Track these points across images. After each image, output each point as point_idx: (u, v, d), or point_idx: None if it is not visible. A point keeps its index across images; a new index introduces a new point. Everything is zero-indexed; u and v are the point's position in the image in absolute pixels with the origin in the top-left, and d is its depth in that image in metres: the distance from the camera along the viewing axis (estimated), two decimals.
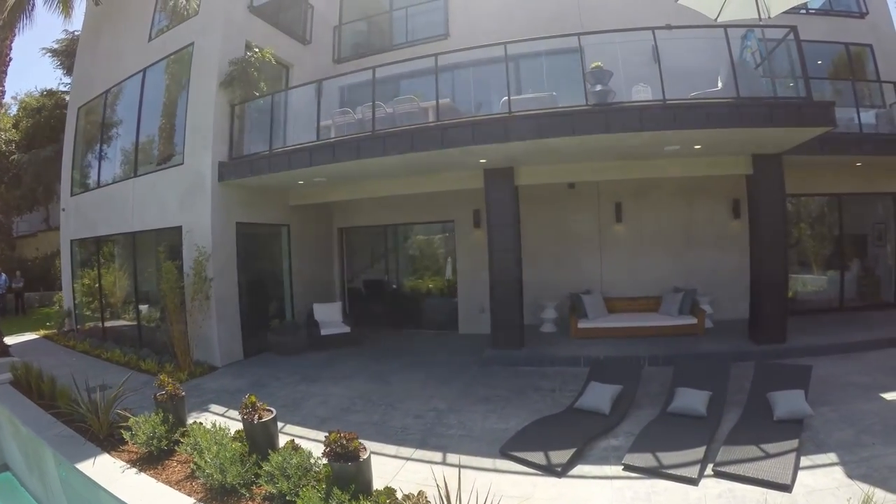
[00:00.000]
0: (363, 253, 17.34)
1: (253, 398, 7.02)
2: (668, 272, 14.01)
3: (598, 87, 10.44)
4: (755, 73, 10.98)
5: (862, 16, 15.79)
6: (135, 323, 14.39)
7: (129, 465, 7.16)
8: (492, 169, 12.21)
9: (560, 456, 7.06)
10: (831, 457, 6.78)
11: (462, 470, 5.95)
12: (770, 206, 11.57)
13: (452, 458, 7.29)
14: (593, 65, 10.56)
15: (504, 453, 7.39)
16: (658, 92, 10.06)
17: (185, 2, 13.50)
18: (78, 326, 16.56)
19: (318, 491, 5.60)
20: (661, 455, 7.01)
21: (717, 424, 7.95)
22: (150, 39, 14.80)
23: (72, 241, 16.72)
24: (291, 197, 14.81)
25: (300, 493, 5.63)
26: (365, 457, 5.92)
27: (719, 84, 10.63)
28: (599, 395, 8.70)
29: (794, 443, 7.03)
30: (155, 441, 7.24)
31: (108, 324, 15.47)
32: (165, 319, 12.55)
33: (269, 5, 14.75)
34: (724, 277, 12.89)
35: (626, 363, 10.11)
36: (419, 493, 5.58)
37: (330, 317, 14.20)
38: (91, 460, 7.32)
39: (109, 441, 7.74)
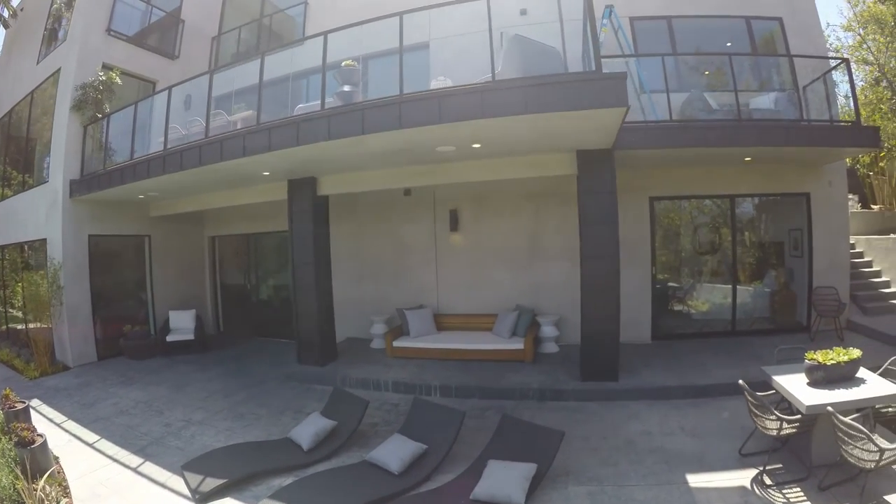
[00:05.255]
0: (233, 261, 14.98)
1: (7, 391, 7.30)
2: (510, 287, 10.92)
3: (346, 88, 7.94)
4: (552, 52, 7.46)
5: None
6: (22, 326, 13.41)
7: None
8: (295, 179, 9.90)
9: (210, 483, 5.74)
10: None
11: (143, 480, 6.06)
12: (598, 213, 8.28)
13: (147, 467, 6.40)
14: (344, 63, 8.12)
15: (182, 471, 6.14)
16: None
17: (57, 28, 12.59)
18: None
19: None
20: None
21: (408, 488, 5.65)
22: (37, 63, 13.50)
23: None
24: (151, 208, 13.00)
25: None
26: (36, 445, 5.98)
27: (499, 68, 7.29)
28: (306, 428, 6.76)
29: None
30: None
31: (10, 325, 14.44)
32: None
33: (131, 24, 13.12)
34: (576, 295, 9.03)
35: (353, 398, 7.36)
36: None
37: (183, 324, 12.45)
38: None
39: None
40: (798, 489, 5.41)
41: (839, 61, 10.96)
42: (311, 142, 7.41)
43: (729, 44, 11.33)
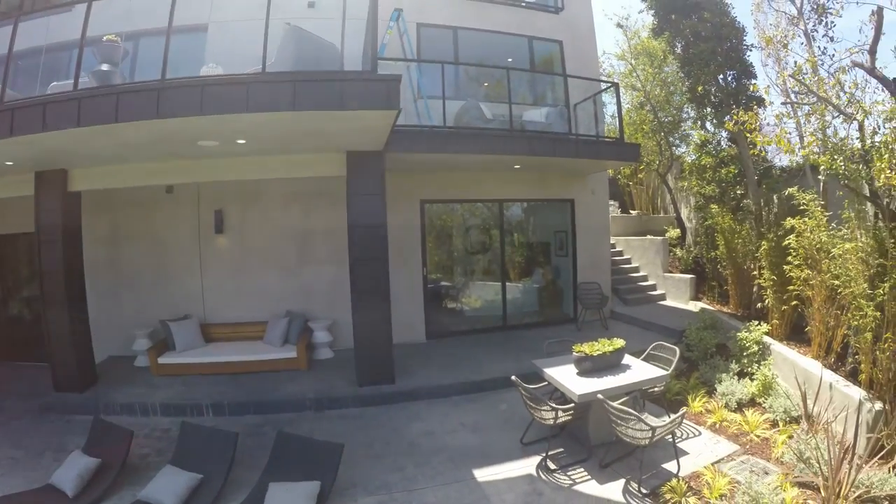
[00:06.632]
0: None
1: None
2: (279, 292, 10.37)
3: (105, 67, 6.83)
4: (330, 48, 6.99)
5: (557, 11, 12.24)
6: None
7: None
8: (43, 172, 8.44)
9: None
10: None
11: None
12: (367, 215, 8.16)
13: None
14: (105, 37, 6.95)
15: None
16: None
17: None
18: None
19: None
20: None
21: None
22: None
23: None
24: None
25: None
26: None
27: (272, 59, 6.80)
28: (68, 471, 5.69)
29: None
30: None
31: None
32: None
33: None
34: (348, 298, 8.74)
35: (116, 429, 6.33)
36: None
37: None
38: None
39: None
40: (581, 469, 5.81)
41: (609, 85, 12.14)
42: (59, 128, 6.29)
43: (510, 59, 11.97)
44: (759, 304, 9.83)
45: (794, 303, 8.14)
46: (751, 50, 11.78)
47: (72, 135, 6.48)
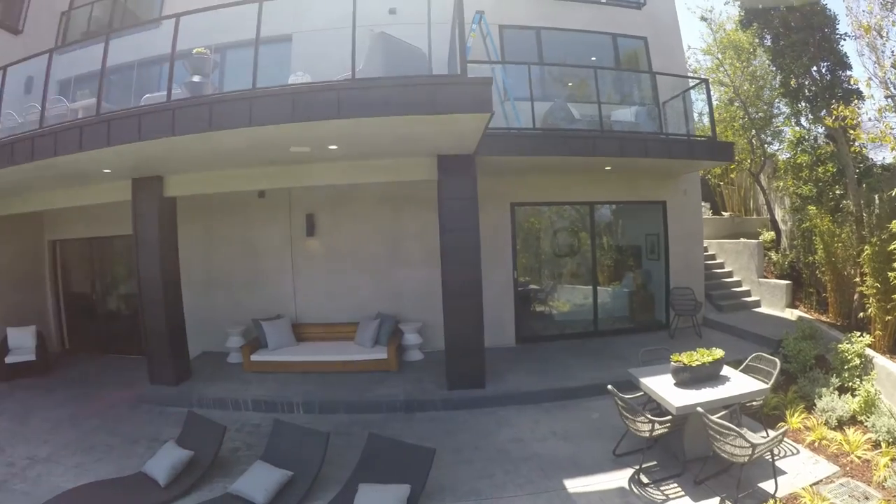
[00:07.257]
0: (78, 269, 12.85)
1: None
2: (370, 294, 10.49)
3: (196, 78, 7.18)
4: (417, 53, 7.17)
5: (639, 6, 11.92)
6: None
7: None
8: (140, 178, 8.87)
9: None
10: None
11: None
12: (459, 219, 8.14)
13: None
14: (195, 50, 7.29)
15: None
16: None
17: None
18: None
19: None
20: None
21: None
22: None
23: None
24: None
25: None
26: None
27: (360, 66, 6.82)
28: (161, 461, 5.95)
29: None
30: None
31: None
32: None
33: None
34: (438, 301, 8.57)
35: (209, 423, 6.53)
36: None
37: (23, 342, 10.57)
38: None
39: None
40: (675, 484, 5.55)
41: (699, 81, 11.65)
42: (154, 137, 6.58)
43: (594, 58, 11.69)
44: (860, 314, 9.14)
45: None
46: (844, 39, 11.13)
47: (166, 143, 6.75)
